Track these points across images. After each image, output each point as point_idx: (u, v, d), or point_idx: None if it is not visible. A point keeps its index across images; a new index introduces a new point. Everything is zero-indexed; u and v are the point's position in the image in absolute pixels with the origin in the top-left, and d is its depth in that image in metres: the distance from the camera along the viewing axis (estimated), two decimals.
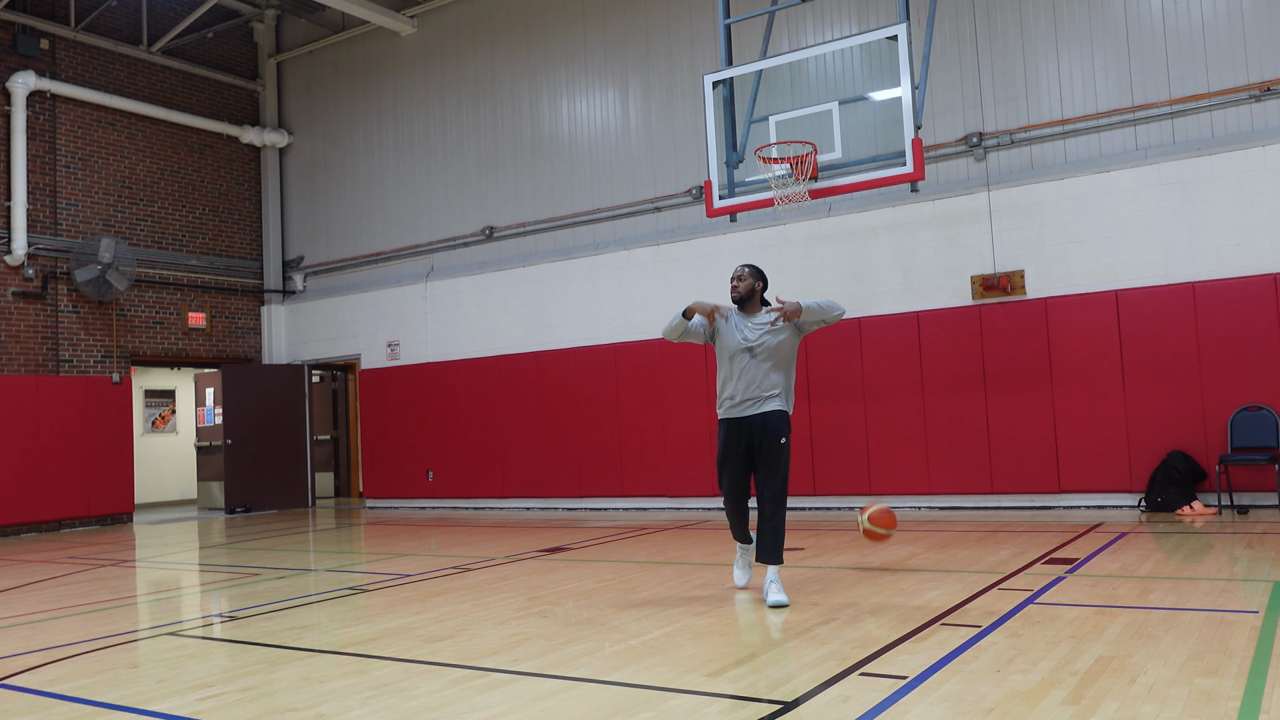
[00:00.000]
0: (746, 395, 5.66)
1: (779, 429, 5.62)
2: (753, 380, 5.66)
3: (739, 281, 5.87)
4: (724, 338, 5.79)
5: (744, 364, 5.68)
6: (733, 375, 5.72)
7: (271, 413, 15.66)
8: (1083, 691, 3.58)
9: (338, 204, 15.97)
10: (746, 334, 5.72)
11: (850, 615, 5.17)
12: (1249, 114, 9.46)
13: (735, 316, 5.84)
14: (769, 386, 5.67)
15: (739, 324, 5.79)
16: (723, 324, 5.80)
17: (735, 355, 5.72)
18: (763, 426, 5.62)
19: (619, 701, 3.75)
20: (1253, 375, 9.19)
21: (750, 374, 5.66)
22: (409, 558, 8.66)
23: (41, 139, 13.74)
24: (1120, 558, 6.72)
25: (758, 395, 5.65)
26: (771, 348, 5.69)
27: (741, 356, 5.70)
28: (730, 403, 5.72)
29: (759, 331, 5.71)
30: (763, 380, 5.66)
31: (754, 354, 5.68)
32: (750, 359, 5.68)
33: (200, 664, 4.75)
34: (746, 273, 5.88)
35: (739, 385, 5.68)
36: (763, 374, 5.66)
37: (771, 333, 5.69)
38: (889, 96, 8.94)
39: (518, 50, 14.10)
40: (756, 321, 5.76)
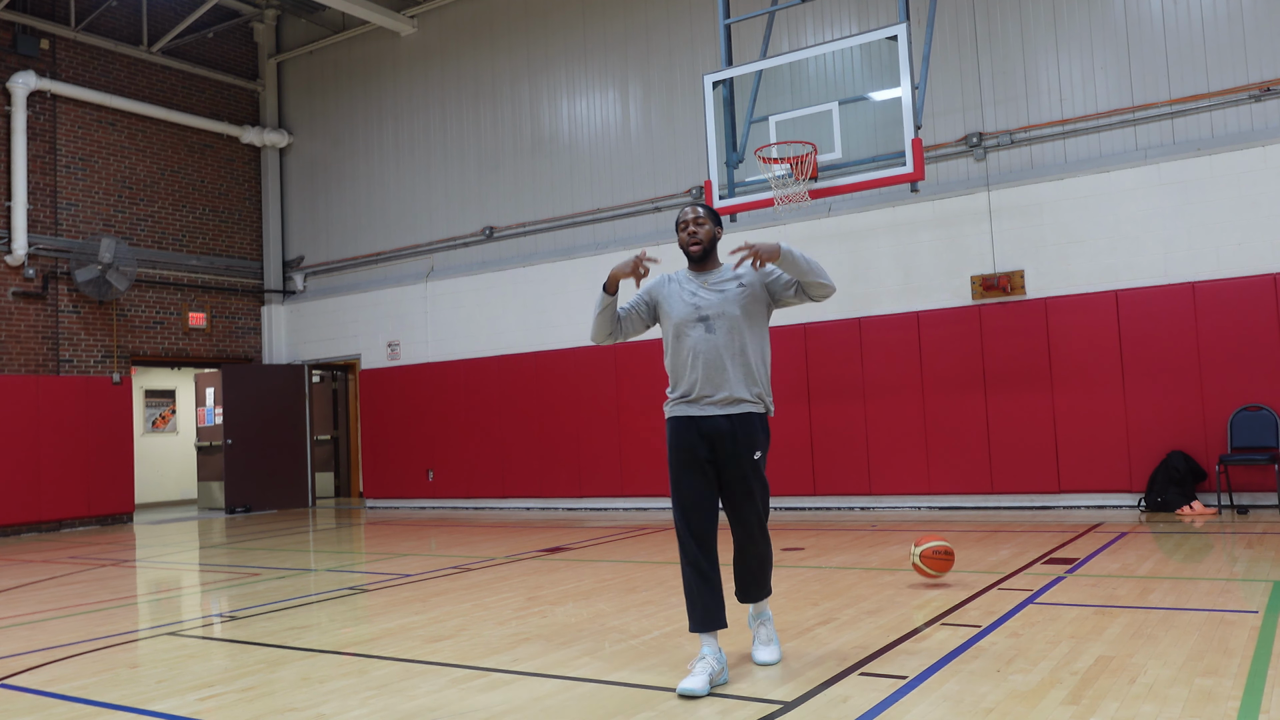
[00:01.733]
0: (705, 390, 4.05)
1: (752, 440, 4.04)
2: (713, 364, 4.04)
3: (697, 227, 4.17)
4: (668, 306, 4.19)
5: (698, 341, 4.07)
6: (684, 359, 4.11)
7: (271, 413, 15.66)
8: (1083, 691, 3.58)
9: (338, 204, 15.97)
10: (699, 297, 4.13)
11: (850, 615, 5.17)
12: (1249, 114, 9.46)
13: (681, 278, 4.24)
14: (738, 374, 4.06)
15: (687, 286, 4.18)
16: (664, 289, 4.23)
17: (685, 329, 4.10)
18: (730, 436, 4.03)
19: (619, 701, 3.75)
20: (1253, 375, 9.19)
21: (709, 356, 4.05)
22: (409, 558, 8.67)
23: (42, 139, 13.74)
24: (1120, 558, 6.72)
25: (723, 387, 4.04)
26: (735, 317, 4.06)
27: (693, 330, 4.08)
28: (685, 399, 4.11)
29: (717, 295, 4.11)
30: (728, 364, 4.05)
31: (710, 326, 4.07)
32: (706, 333, 4.06)
33: (200, 664, 4.75)
34: (704, 214, 4.19)
35: (696, 372, 4.06)
36: (727, 355, 4.05)
37: (734, 295, 4.10)
38: (889, 96, 8.95)
39: (518, 50, 14.11)
40: (714, 281, 4.16)
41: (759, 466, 4.08)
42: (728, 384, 4.04)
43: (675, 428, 4.11)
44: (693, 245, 4.17)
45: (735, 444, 4.03)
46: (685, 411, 4.09)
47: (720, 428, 4.03)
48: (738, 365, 4.06)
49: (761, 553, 4.17)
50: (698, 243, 4.16)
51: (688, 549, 4.03)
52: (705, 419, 4.06)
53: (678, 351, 4.13)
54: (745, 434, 4.05)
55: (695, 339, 4.08)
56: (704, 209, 4.22)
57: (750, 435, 4.05)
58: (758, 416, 4.09)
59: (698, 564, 4.00)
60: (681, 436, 4.08)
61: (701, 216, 4.19)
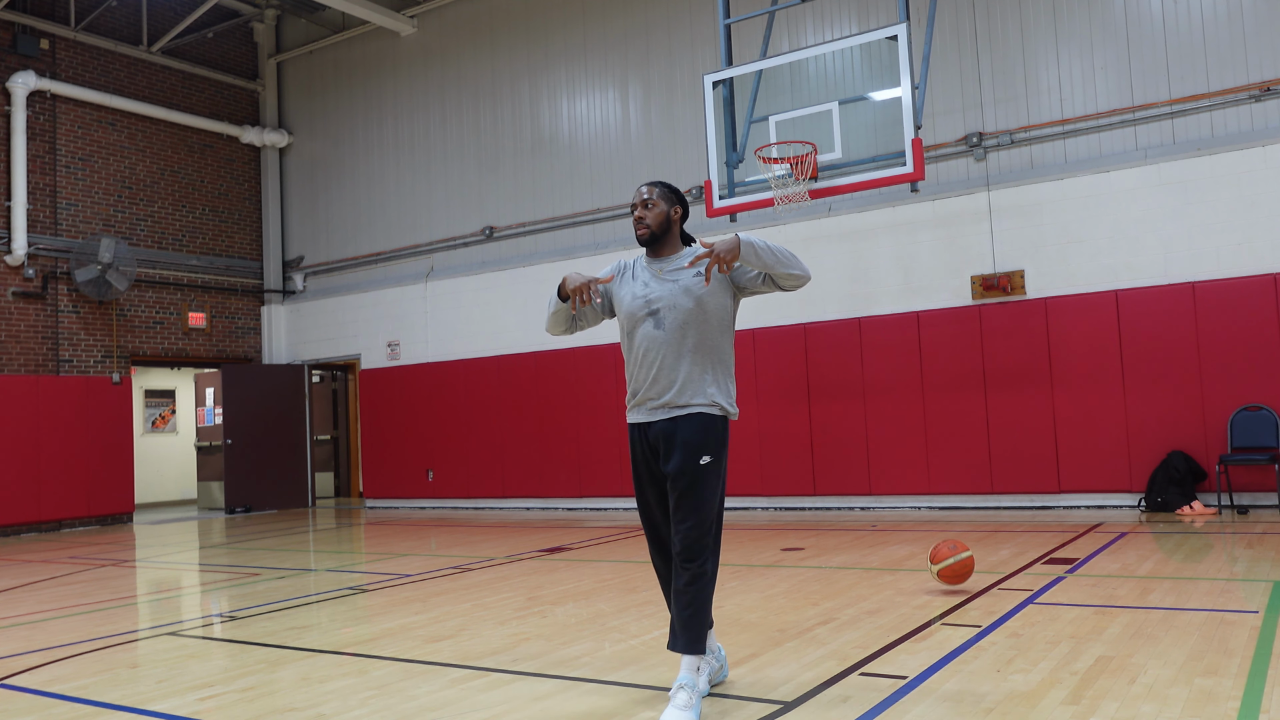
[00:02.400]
0: (651, 393, 3.66)
1: (696, 442, 3.58)
2: (659, 363, 3.63)
3: (645, 210, 3.73)
4: (620, 297, 3.81)
5: (646, 337, 3.66)
6: (633, 357, 3.74)
7: (271, 413, 15.66)
8: (1083, 691, 3.58)
9: (338, 204, 15.97)
10: (650, 288, 3.71)
11: (850, 615, 5.17)
12: (1249, 114, 9.46)
13: (637, 267, 3.82)
14: (689, 374, 3.63)
15: (641, 275, 3.78)
16: (619, 278, 3.84)
17: (634, 324, 3.72)
18: (672, 439, 3.60)
19: (619, 701, 3.75)
20: (1253, 375, 9.19)
21: (655, 354, 3.63)
22: (409, 558, 8.67)
23: (41, 139, 13.74)
24: (1120, 558, 6.72)
25: (670, 389, 3.62)
26: (687, 310, 3.64)
27: (642, 326, 3.69)
28: (634, 402, 3.75)
29: (669, 285, 3.69)
30: (675, 363, 3.63)
31: (659, 320, 3.64)
32: (654, 329, 3.65)
33: (200, 664, 4.75)
34: (655, 195, 3.74)
35: (642, 372, 3.69)
36: (676, 353, 3.63)
37: (689, 285, 3.66)
38: (889, 96, 8.95)
39: (518, 50, 14.11)
40: (669, 269, 3.73)
41: (707, 474, 3.55)
42: (675, 385, 3.61)
43: (630, 437, 3.79)
44: (639, 230, 3.73)
45: (678, 447, 3.58)
46: (634, 418, 3.74)
47: (665, 431, 3.64)
48: (689, 364, 3.62)
49: (694, 576, 3.53)
50: (645, 228, 3.72)
51: (656, 564, 3.85)
52: (651, 426, 3.68)
53: (628, 349, 3.76)
54: (690, 435, 3.58)
55: (644, 335, 3.67)
56: (658, 187, 3.76)
57: (696, 437, 3.58)
58: (710, 419, 3.62)
59: (663, 582, 3.84)
60: (635, 448, 3.75)
61: (651, 198, 3.73)
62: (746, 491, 11.64)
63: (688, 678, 3.49)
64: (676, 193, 3.79)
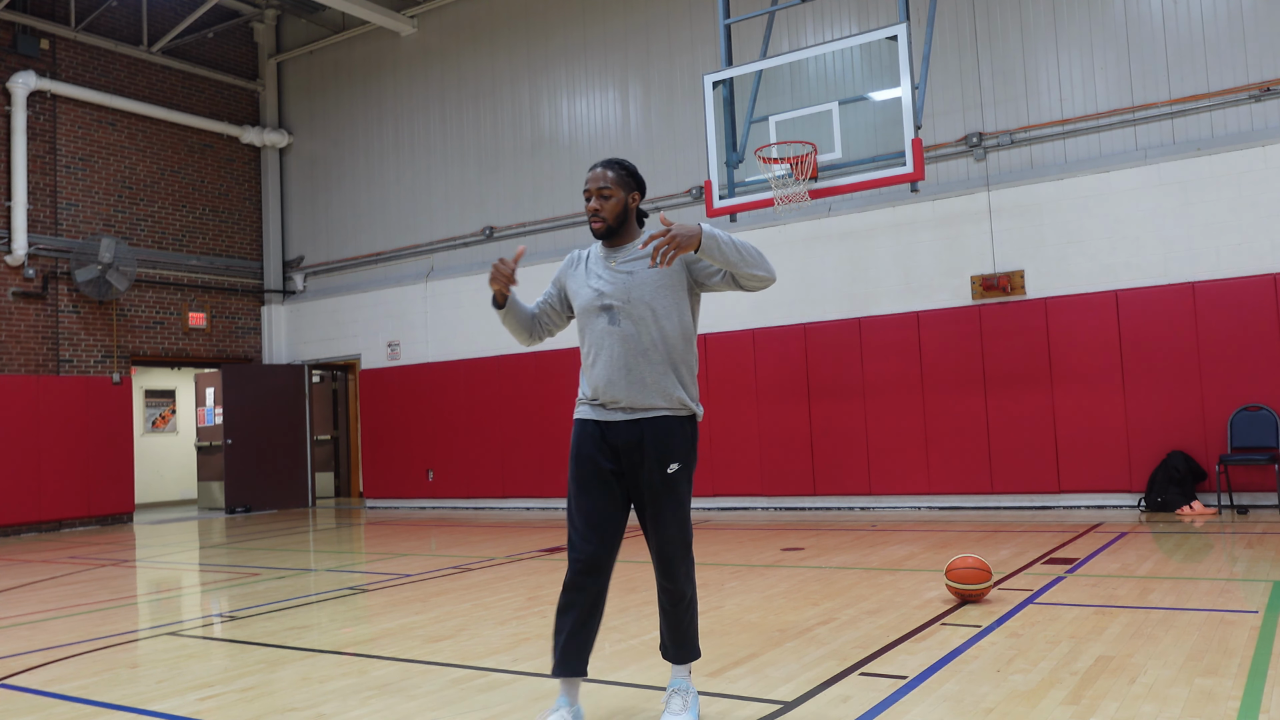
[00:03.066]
0: (611, 394, 3.37)
1: (667, 449, 3.36)
2: (619, 362, 3.36)
3: (602, 201, 3.43)
4: (573, 290, 3.55)
5: (601, 334, 3.40)
6: (588, 355, 3.47)
7: (271, 413, 15.66)
8: (1083, 691, 3.58)
9: (338, 204, 15.97)
10: (604, 280, 3.45)
11: (850, 615, 5.17)
12: (1249, 114, 9.46)
13: (591, 257, 3.56)
14: (651, 374, 3.36)
15: (594, 267, 3.51)
16: (571, 270, 3.58)
17: (588, 319, 3.46)
18: (638, 445, 3.36)
19: (619, 701, 3.75)
20: (1253, 375, 9.19)
21: (613, 352, 3.37)
22: (409, 558, 8.66)
23: (41, 139, 13.74)
24: (1120, 558, 6.72)
25: (632, 389, 3.36)
26: (644, 304, 3.38)
27: (596, 321, 3.43)
28: (591, 402, 3.46)
29: (624, 277, 3.42)
30: (634, 362, 3.36)
31: (614, 316, 3.39)
32: (609, 324, 3.39)
33: (200, 664, 4.75)
34: (613, 182, 3.43)
35: (599, 371, 3.40)
36: (635, 351, 3.36)
37: (646, 277, 3.40)
38: (889, 96, 8.95)
39: (518, 50, 14.11)
40: (624, 260, 3.46)
41: (675, 483, 3.34)
42: (636, 386, 3.35)
43: (578, 433, 3.44)
44: (594, 223, 3.44)
45: (644, 454, 3.34)
46: (589, 415, 3.43)
47: (628, 435, 3.35)
48: (650, 363, 3.35)
49: (680, 592, 3.39)
50: (601, 221, 3.43)
51: (571, 575, 3.33)
52: (612, 425, 3.38)
53: (584, 345, 3.48)
54: (657, 441, 3.34)
55: (599, 332, 3.40)
56: (614, 170, 3.43)
57: (664, 443, 3.34)
58: (677, 421, 3.39)
59: (575, 595, 3.32)
60: (582, 443, 3.41)
61: (607, 185, 3.41)
62: (746, 491, 11.64)
63: (681, 682, 3.45)
64: (634, 174, 3.47)
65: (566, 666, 3.32)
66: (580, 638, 3.33)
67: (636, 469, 3.36)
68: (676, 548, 3.37)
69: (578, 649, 3.33)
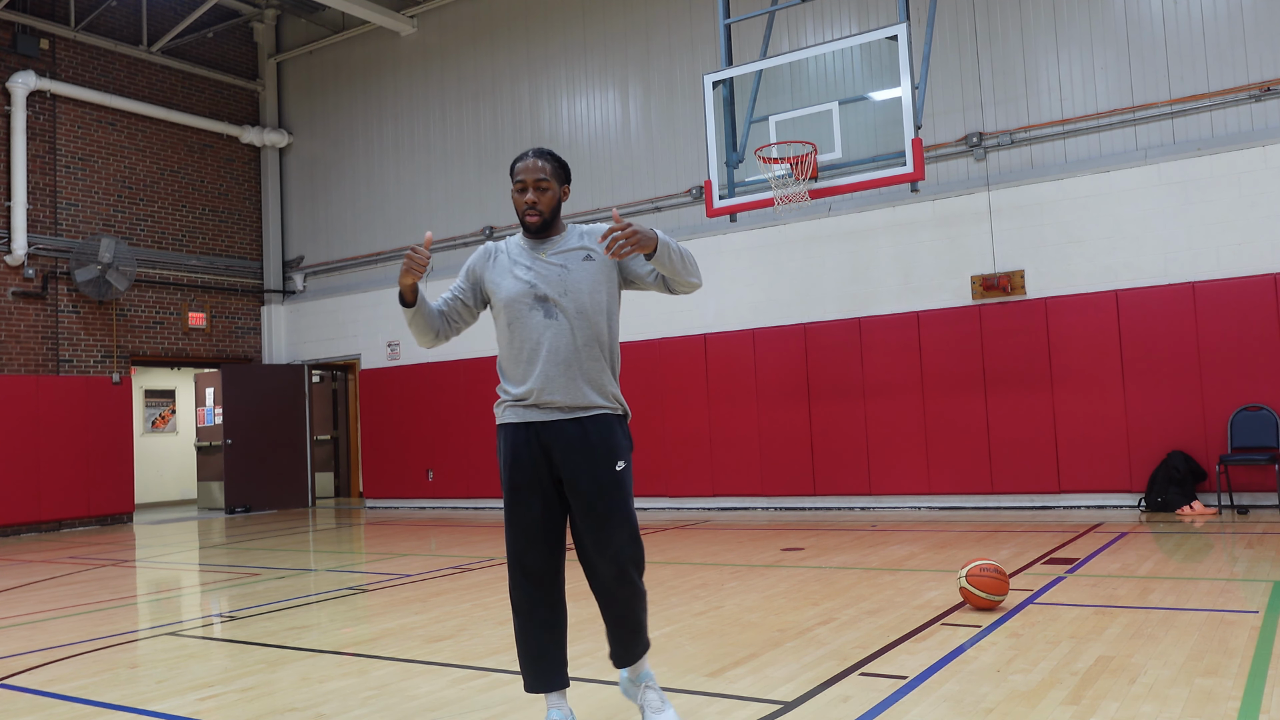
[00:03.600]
0: (549, 395, 3.21)
1: (612, 446, 3.26)
2: (558, 359, 3.22)
3: (539, 194, 3.28)
4: (495, 282, 3.34)
5: (537, 329, 3.23)
6: (521, 351, 3.27)
7: (271, 413, 15.65)
8: (1083, 691, 3.58)
9: (338, 204, 15.97)
10: (535, 271, 3.28)
11: (850, 615, 5.17)
12: (1249, 114, 9.46)
13: (512, 249, 3.36)
14: (591, 371, 3.26)
15: (520, 258, 3.32)
16: (488, 262, 3.38)
17: (519, 313, 3.26)
18: (581, 443, 3.23)
19: (619, 701, 3.75)
20: (1253, 375, 9.19)
21: (552, 348, 3.22)
22: (409, 558, 8.66)
23: (41, 139, 13.73)
24: (1120, 558, 6.72)
25: (571, 387, 3.22)
26: (580, 298, 3.26)
27: (530, 315, 3.25)
28: (522, 403, 3.27)
29: (557, 269, 3.27)
30: (577, 359, 3.24)
31: (550, 309, 3.24)
32: (545, 318, 3.23)
33: (200, 664, 4.75)
34: (548, 170, 3.30)
35: (536, 369, 3.23)
36: (574, 347, 3.23)
37: (581, 270, 3.29)
38: (889, 96, 8.95)
39: (518, 50, 14.10)
40: (554, 251, 3.31)
41: (623, 480, 3.25)
42: (576, 384, 3.22)
43: (510, 438, 3.27)
44: (530, 217, 3.28)
45: (590, 453, 3.21)
46: (521, 417, 3.25)
47: (568, 434, 3.21)
48: (589, 360, 3.24)
49: (637, 592, 3.29)
50: (538, 215, 3.28)
51: (523, 592, 3.25)
52: (547, 425, 3.23)
53: (512, 341, 3.28)
54: (602, 439, 3.23)
55: (534, 326, 3.23)
56: (549, 161, 3.30)
57: (609, 440, 3.24)
58: (616, 419, 3.30)
59: (534, 610, 3.25)
60: (518, 450, 3.24)
61: (545, 177, 3.27)
62: (746, 491, 11.64)
63: (648, 674, 3.41)
64: (565, 167, 3.37)
65: (553, 680, 3.27)
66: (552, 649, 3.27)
67: (580, 470, 3.21)
68: (633, 549, 3.27)
69: (559, 659, 3.29)
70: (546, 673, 3.26)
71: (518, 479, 3.24)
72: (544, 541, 3.24)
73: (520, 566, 3.25)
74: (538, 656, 3.26)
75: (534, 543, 3.24)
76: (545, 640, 3.25)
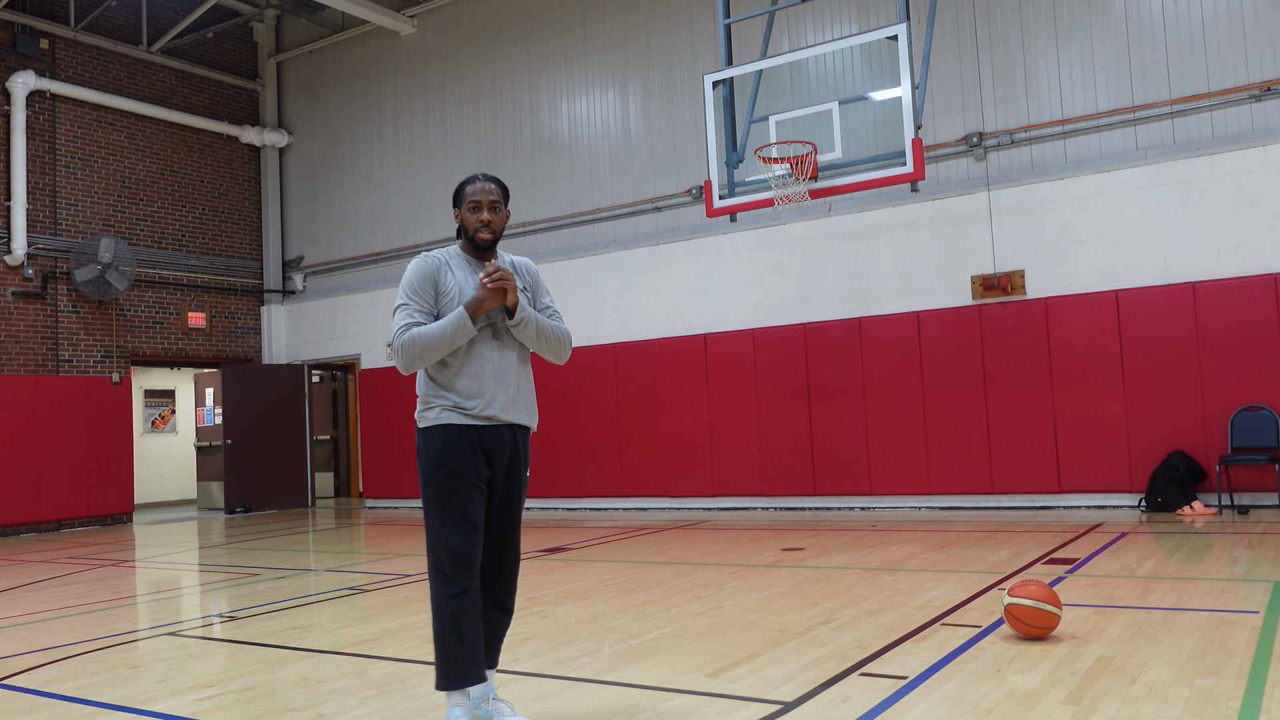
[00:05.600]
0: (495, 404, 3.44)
1: (528, 457, 3.59)
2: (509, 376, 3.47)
3: (492, 214, 3.49)
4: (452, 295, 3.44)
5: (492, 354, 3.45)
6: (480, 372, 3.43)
7: (271, 413, 15.65)
8: (1083, 691, 3.58)
9: (338, 204, 15.97)
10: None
11: (850, 615, 5.17)
12: (1249, 114, 9.46)
13: (456, 263, 3.50)
14: (525, 386, 3.55)
15: (470, 279, 3.47)
16: (443, 277, 3.45)
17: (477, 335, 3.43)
18: (513, 449, 3.49)
19: (619, 701, 3.75)
20: (1253, 375, 9.19)
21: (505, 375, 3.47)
22: (409, 558, 8.66)
23: (41, 139, 13.73)
24: (1120, 558, 6.72)
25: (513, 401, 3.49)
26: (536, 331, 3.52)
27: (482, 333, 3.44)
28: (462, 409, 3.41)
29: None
30: (517, 374, 3.50)
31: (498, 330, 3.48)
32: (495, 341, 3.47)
33: (200, 664, 4.75)
34: (499, 193, 3.52)
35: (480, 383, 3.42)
36: (519, 374, 3.52)
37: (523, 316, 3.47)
38: (889, 96, 8.95)
39: (518, 50, 14.10)
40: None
41: (527, 485, 3.60)
42: (517, 402, 3.49)
43: (450, 439, 3.37)
44: (482, 233, 3.47)
45: (516, 458, 3.49)
46: (462, 420, 3.38)
47: (503, 438, 3.44)
48: (526, 380, 3.55)
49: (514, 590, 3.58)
50: (490, 232, 3.48)
51: (459, 583, 3.30)
52: (488, 429, 3.41)
53: (467, 361, 3.41)
54: (525, 446, 3.54)
55: (488, 352, 3.43)
56: (498, 185, 3.51)
57: (527, 448, 3.57)
58: (530, 432, 3.61)
59: (472, 603, 3.32)
60: (460, 451, 3.36)
61: (498, 199, 3.49)
62: (746, 491, 11.64)
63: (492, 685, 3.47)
64: (508, 191, 3.58)
65: (475, 674, 3.32)
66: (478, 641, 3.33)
67: (508, 472, 3.48)
68: (519, 548, 3.58)
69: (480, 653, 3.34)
70: (479, 667, 3.34)
71: (457, 474, 3.36)
72: (477, 535, 3.37)
73: (462, 560, 3.31)
74: (474, 649, 3.31)
75: (471, 538, 3.35)
76: (479, 635, 3.34)
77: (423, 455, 3.42)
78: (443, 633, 3.31)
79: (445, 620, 3.31)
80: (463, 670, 3.30)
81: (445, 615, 3.31)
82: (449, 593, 3.30)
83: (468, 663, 3.30)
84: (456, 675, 3.30)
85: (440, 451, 3.37)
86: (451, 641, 3.30)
